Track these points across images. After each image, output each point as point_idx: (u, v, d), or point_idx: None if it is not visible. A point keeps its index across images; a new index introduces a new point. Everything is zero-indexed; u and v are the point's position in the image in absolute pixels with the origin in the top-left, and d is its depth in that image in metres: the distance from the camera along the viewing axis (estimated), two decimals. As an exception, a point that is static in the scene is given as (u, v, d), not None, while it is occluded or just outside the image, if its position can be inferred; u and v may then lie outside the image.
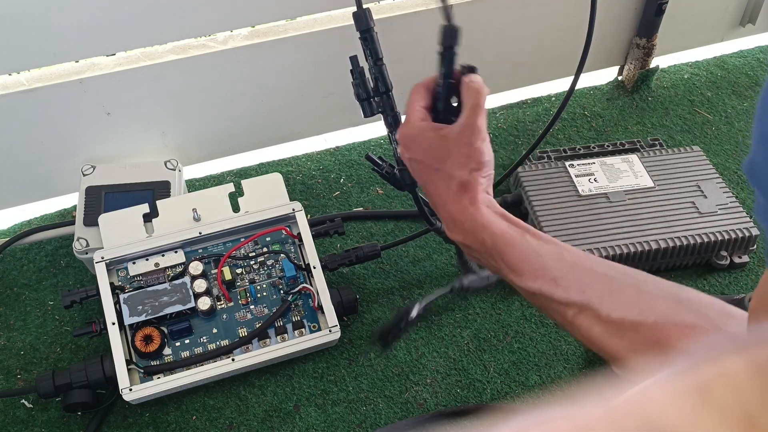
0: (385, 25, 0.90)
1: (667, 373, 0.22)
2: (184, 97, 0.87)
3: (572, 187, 0.88)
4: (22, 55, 0.75)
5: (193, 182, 0.96)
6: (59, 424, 0.72)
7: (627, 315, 0.47)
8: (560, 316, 0.51)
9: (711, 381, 0.21)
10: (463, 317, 0.81)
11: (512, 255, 0.54)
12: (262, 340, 0.73)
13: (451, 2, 0.61)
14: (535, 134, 1.02)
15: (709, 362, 0.21)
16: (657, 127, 1.04)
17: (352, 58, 0.63)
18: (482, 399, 0.74)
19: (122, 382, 0.69)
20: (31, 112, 0.81)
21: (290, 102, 0.94)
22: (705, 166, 0.90)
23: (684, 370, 0.22)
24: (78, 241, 0.78)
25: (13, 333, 0.80)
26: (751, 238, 0.83)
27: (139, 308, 0.72)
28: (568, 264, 0.52)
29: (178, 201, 0.80)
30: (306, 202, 0.93)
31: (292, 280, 0.76)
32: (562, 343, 0.79)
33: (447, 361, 0.77)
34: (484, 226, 0.55)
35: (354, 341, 0.79)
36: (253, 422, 0.72)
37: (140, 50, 0.83)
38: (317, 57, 0.89)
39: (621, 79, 1.12)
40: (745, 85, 1.11)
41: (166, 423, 0.72)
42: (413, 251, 0.87)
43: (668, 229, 0.83)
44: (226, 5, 0.80)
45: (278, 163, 0.99)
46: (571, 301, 0.50)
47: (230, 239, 0.79)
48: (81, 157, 0.87)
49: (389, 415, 0.73)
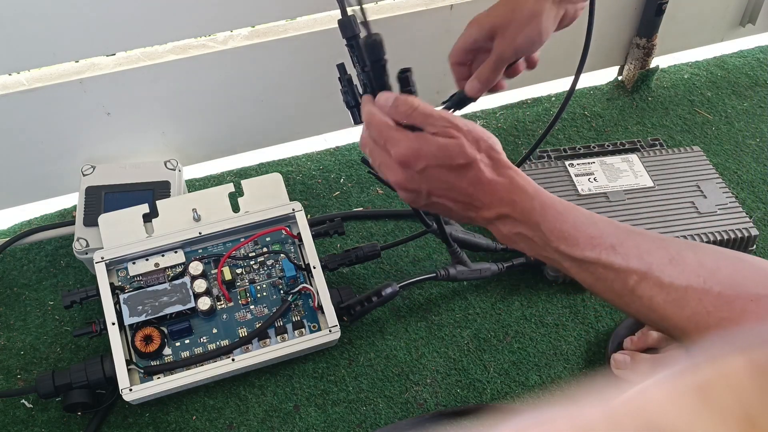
0: (385, 25, 0.90)
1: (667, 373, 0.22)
2: (184, 97, 0.88)
3: (572, 186, 0.88)
4: (22, 55, 0.75)
5: (193, 182, 0.96)
6: (59, 424, 0.72)
7: (691, 283, 0.45)
8: (620, 285, 0.49)
9: (711, 381, 0.21)
10: (463, 317, 0.81)
11: (566, 223, 0.51)
12: (262, 340, 0.73)
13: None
14: (535, 134, 1.02)
15: (709, 362, 0.21)
16: (657, 127, 1.04)
17: (339, 65, 0.63)
18: (482, 399, 0.74)
19: (122, 382, 0.69)
20: (31, 112, 0.81)
21: (290, 102, 0.94)
22: (705, 166, 0.91)
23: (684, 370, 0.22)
24: (78, 242, 0.78)
25: (13, 333, 0.80)
26: (750, 238, 0.83)
27: (139, 308, 0.72)
28: (624, 231, 0.50)
29: (178, 201, 0.80)
30: (306, 202, 0.93)
31: (292, 280, 0.76)
32: (562, 343, 0.79)
33: (447, 361, 0.77)
34: (532, 195, 0.53)
35: (354, 341, 0.79)
36: (253, 422, 0.73)
37: (140, 50, 0.83)
38: (317, 57, 0.89)
39: (621, 79, 1.12)
40: (745, 85, 1.11)
41: (166, 423, 0.72)
42: (413, 251, 0.87)
43: (667, 229, 0.83)
44: (226, 5, 0.80)
45: (278, 163, 0.99)
46: (632, 269, 0.48)
47: (230, 239, 0.79)
48: (81, 157, 0.87)
49: (389, 415, 0.73)
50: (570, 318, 0.81)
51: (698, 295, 0.45)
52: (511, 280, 0.84)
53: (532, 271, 0.85)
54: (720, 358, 0.21)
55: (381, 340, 0.79)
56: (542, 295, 0.83)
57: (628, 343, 0.75)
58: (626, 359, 0.72)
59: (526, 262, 0.83)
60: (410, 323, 0.80)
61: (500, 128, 1.03)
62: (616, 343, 0.76)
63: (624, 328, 0.78)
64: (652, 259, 0.48)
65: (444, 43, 0.95)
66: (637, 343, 0.74)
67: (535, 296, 0.83)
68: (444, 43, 0.95)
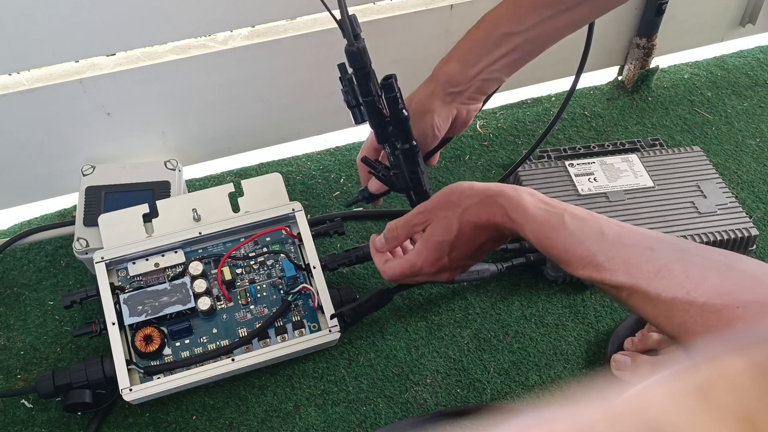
0: (385, 25, 0.90)
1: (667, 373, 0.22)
2: (184, 97, 0.88)
3: (572, 186, 0.88)
4: (22, 55, 0.75)
5: (193, 182, 0.96)
6: (59, 424, 0.72)
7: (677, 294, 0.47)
8: (615, 297, 0.52)
9: (711, 381, 0.21)
10: (463, 317, 0.81)
11: (556, 247, 0.54)
12: (262, 340, 0.73)
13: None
14: (535, 134, 1.02)
15: (709, 362, 0.21)
16: (657, 127, 1.04)
17: (340, 65, 0.63)
18: (482, 399, 0.74)
19: (122, 382, 0.69)
20: (31, 112, 0.81)
21: (290, 102, 0.94)
22: (705, 166, 0.91)
23: (684, 370, 0.22)
24: (78, 242, 0.78)
25: (13, 333, 0.80)
26: (750, 238, 0.83)
27: (139, 308, 0.72)
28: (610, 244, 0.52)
29: (177, 201, 0.80)
30: (306, 202, 0.93)
31: (292, 280, 0.76)
32: (562, 343, 0.79)
33: (447, 361, 0.77)
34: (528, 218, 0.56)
35: (354, 341, 0.79)
36: (253, 422, 0.73)
37: (140, 50, 0.83)
38: (317, 57, 0.89)
39: (621, 79, 1.12)
40: (745, 85, 1.11)
41: (166, 423, 0.72)
42: (413, 251, 0.87)
43: (667, 228, 0.83)
44: (226, 5, 0.80)
45: (278, 163, 0.99)
46: (621, 284, 0.50)
47: (230, 239, 0.79)
48: (81, 157, 0.87)
49: (389, 415, 0.73)
50: (570, 318, 0.81)
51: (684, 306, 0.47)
52: (511, 280, 0.84)
53: (532, 271, 0.85)
54: (720, 358, 0.21)
55: (381, 340, 0.79)
56: (542, 295, 0.83)
57: (629, 344, 0.75)
58: (627, 360, 0.72)
59: (526, 262, 0.83)
60: (410, 323, 0.80)
61: (500, 128, 1.03)
62: (617, 344, 0.76)
63: (624, 329, 0.78)
64: (639, 274, 0.50)
65: (444, 43, 0.96)
66: (638, 344, 0.74)
67: (535, 296, 0.83)
68: (444, 43, 0.95)
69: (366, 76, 0.59)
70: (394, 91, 0.60)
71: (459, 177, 0.96)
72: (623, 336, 0.77)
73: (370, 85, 0.59)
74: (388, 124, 0.64)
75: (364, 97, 0.61)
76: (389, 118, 0.63)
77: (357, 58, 0.59)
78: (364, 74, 0.59)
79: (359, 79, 0.59)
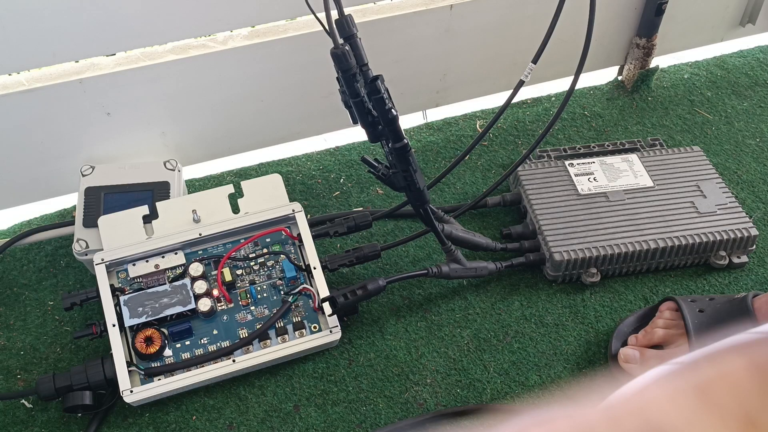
0: (385, 25, 0.90)
1: (667, 374, 0.22)
2: (184, 97, 0.88)
3: (572, 186, 0.88)
4: (22, 55, 0.75)
5: (193, 182, 0.96)
6: (59, 425, 0.72)
7: None
8: None
9: (711, 381, 0.21)
10: (463, 317, 0.81)
11: None
12: (262, 341, 0.73)
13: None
14: (535, 134, 1.02)
15: (709, 362, 0.21)
16: (657, 127, 1.04)
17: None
18: (482, 399, 0.74)
19: (123, 384, 0.69)
20: (31, 112, 0.81)
21: (290, 102, 0.94)
22: (705, 166, 0.91)
23: (684, 370, 0.22)
24: (78, 243, 0.78)
25: (13, 333, 0.80)
26: (750, 238, 0.83)
27: (139, 310, 0.72)
28: None
29: (177, 202, 0.80)
30: (306, 202, 0.93)
31: (292, 280, 0.76)
32: (562, 343, 0.79)
33: (447, 361, 0.77)
34: None
35: (354, 341, 0.79)
36: (253, 422, 0.73)
37: (140, 50, 0.83)
38: (317, 57, 0.89)
39: (621, 79, 1.12)
40: (745, 85, 1.11)
41: (166, 423, 0.72)
42: (413, 251, 0.87)
43: (667, 228, 0.83)
44: (226, 5, 0.80)
45: (278, 163, 0.99)
46: None
47: (230, 240, 0.79)
48: (81, 157, 0.87)
49: (389, 415, 0.73)
50: (570, 318, 0.81)
51: None
52: (511, 279, 0.84)
53: (531, 271, 0.85)
54: (720, 358, 0.21)
55: (381, 340, 0.79)
56: (542, 295, 0.83)
57: (633, 341, 0.75)
58: (635, 354, 0.72)
59: (526, 261, 0.83)
60: (410, 323, 0.80)
61: (500, 128, 1.03)
62: (620, 340, 0.76)
63: (627, 326, 0.78)
64: None
65: (444, 43, 0.96)
66: (642, 341, 0.74)
67: (535, 296, 0.83)
68: (444, 43, 0.95)
69: (353, 77, 0.60)
70: (380, 92, 0.61)
71: (459, 176, 0.96)
72: (626, 333, 0.77)
73: (356, 87, 0.60)
74: (378, 124, 0.64)
75: (353, 98, 0.61)
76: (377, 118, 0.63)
77: (342, 60, 0.59)
78: (350, 76, 0.60)
79: (346, 80, 0.60)
